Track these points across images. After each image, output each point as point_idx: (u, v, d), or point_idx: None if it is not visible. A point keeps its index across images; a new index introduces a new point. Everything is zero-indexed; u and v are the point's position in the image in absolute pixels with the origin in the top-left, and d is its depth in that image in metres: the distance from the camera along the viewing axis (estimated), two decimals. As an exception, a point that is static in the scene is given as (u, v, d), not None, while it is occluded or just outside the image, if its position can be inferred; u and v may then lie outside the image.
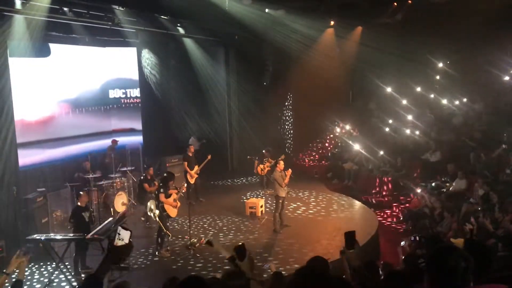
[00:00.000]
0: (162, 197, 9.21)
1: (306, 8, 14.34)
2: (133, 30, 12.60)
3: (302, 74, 16.20)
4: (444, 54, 16.89)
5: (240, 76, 16.39)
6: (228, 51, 16.68)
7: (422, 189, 11.95)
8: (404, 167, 13.69)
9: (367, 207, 12.30)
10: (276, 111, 17.65)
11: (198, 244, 9.48)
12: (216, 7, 12.05)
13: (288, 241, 9.69)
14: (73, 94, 12.32)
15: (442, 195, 11.33)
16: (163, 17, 12.87)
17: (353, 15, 15.90)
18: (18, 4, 9.34)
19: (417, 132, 14.83)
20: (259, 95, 16.00)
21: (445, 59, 17.13)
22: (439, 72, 17.49)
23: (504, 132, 12.61)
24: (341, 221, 11.05)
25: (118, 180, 12.17)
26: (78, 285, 2.51)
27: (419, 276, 2.80)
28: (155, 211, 9.24)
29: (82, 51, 12.47)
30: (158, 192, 9.34)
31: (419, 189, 12.03)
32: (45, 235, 8.29)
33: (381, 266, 4.43)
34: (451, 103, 15.94)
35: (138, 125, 13.90)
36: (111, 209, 11.43)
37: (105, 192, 11.77)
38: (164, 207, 9.23)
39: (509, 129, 12.62)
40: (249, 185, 14.94)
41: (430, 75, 17.57)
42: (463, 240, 5.66)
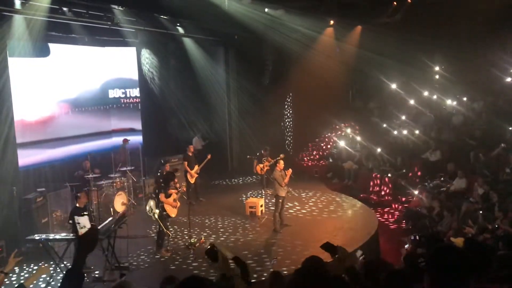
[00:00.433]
0: (162, 197, 9.22)
1: (306, 8, 14.34)
2: (133, 30, 12.59)
3: (302, 74, 16.20)
4: (444, 53, 16.87)
5: (240, 76, 16.38)
6: (228, 51, 16.67)
7: (421, 189, 11.95)
8: (404, 167, 13.69)
9: (367, 207, 12.30)
10: (276, 111, 17.64)
11: (198, 244, 9.48)
12: (216, 7, 12.04)
13: (288, 241, 9.69)
14: (73, 94, 12.31)
15: (442, 195, 11.33)
16: (163, 17, 12.86)
17: (353, 15, 15.91)
18: (18, 4, 9.33)
19: (417, 132, 14.83)
20: (259, 95, 15.99)
21: (445, 59, 17.11)
22: (440, 72, 17.49)
23: (504, 131, 12.61)
24: (341, 221, 11.06)
25: (118, 180, 12.19)
26: (62, 280, 2.46)
27: (419, 276, 2.80)
28: (155, 211, 9.25)
29: (82, 51, 12.46)
30: (158, 192, 9.34)
31: (419, 189, 12.03)
32: (45, 235, 8.29)
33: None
34: (451, 103, 15.94)
35: (138, 125, 13.89)
36: (111, 209, 11.43)
37: (105, 192, 11.76)
38: (164, 207, 9.24)
39: (509, 128, 12.62)
40: (249, 185, 14.94)
41: (430, 75, 17.57)
42: (463, 240, 5.67)
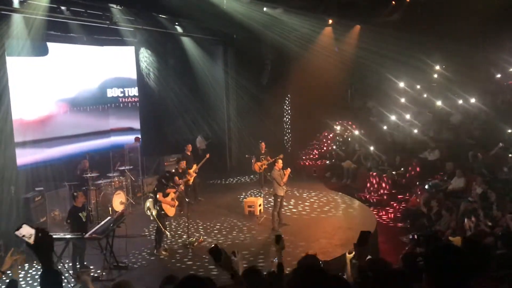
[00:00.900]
0: (160, 197, 9.21)
1: (305, 7, 14.33)
2: (131, 29, 12.56)
3: (301, 73, 16.19)
4: (443, 53, 16.88)
5: (239, 75, 16.36)
6: (227, 50, 16.65)
7: (420, 188, 11.95)
8: (403, 166, 13.69)
9: (366, 206, 12.32)
10: (275, 110, 17.63)
11: (197, 243, 9.49)
12: (215, 6, 12.04)
13: (287, 240, 9.64)
14: (71, 93, 12.29)
15: (441, 194, 11.34)
16: (161, 16, 12.85)
17: (352, 14, 15.90)
18: (16, 3, 9.31)
19: (416, 131, 14.84)
20: (258, 94, 15.98)
21: (444, 58, 17.12)
22: (438, 71, 17.50)
23: (502, 131, 12.62)
24: (340, 220, 11.06)
25: (116, 179, 12.18)
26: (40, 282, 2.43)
27: (418, 275, 2.80)
28: (153, 210, 9.24)
29: (80, 50, 12.44)
30: (156, 191, 9.34)
31: (417, 188, 12.04)
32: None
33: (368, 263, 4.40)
34: (449, 102, 15.94)
35: (136, 124, 13.87)
36: (110, 208, 11.41)
37: (103, 191, 11.75)
38: (162, 206, 9.23)
39: (507, 128, 12.62)
40: (248, 184, 14.93)
41: (429, 74, 17.57)
42: (461, 239, 5.66)
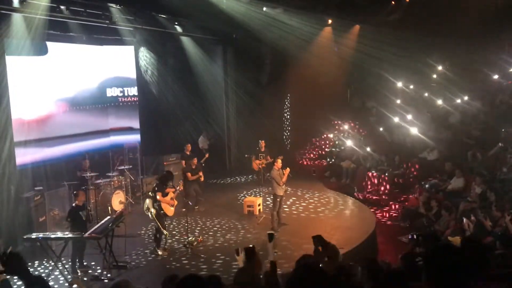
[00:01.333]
0: (160, 196, 9.21)
1: (304, 7, 14.33)
2: (131, 29, 12.56)
3: (300, 73, 16.20)
4: (442, 53, 16.90)
5: (238, 75, 16.36)
6: (226, 50, 16.65)
7: (419, 188, 11.96)
8: (402, 166, 13.71)
9: (365, 206, 12.32)
10: (274, 110, 17.64)
11: (196, 243, 9.49)
12: (214, 6, 12.03)
13: (286, 240, 9.69)
14: (71, 93, 12.26)
15: (440, 194, 11.35)
16: (161, 16, 12.85)
17: (351, 14, 15.90)
18: (16, 3, 9.31)
19: (415, 131, 14.83)
20: (257, 94, 15.98)
21: (443, 58, 17.14)
22: (437, 71, 17.51)
23: (501, 131, 12.63)
24: (339, 220, 11.07)
25: (116, 179, 12.18)
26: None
27: (417, 275, 2.81)
28: (152, 210, 9.24)
29: (80, 50, 12.41)
30: (155, 191, 9.33)
31: (416, 188, 12.04)
32: (43, 234, 8.27)
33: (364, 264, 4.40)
34: (449, 102, 15.96)
35: (136, 124, 13.84)
36: (109, 208, 11.41)
37: (103, 191, 11.75)
38: (161, 206, 9.23)
39: (506, 128, 12.64)
40: (247, 184, 14.93)
41: (428, 74, 17.59)
42: (461, 239, 5.68)
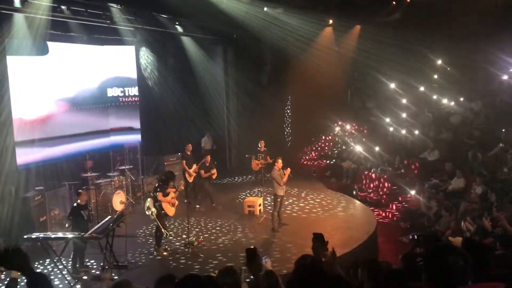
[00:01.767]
0: (160, 196, 9.21)
1: (305, 7, 14.32)
2: (131, 29, 12.56)
3: (301, 73, 16.18)
4: (443, 53, 16.88)
5: (239, 75, 16.36)
6: (227, 50, 16.65)
7: (419, 188, 11.96)
8: (403, 166, 13.70)
9: (366, 206, 12.32)
10: (275, 110, 17.63)
11: (196, 243, 9.50)
12: (215, 6, 12.03)
13: (286, 240, 9.69)
14: (71, 93, 12.27)
15: (440, 194, 11.34)
16: (162, 16, 12.85)
17: (352, 14, 15.89)
18: (17, 3, 9.32)
19: (415, 131, 14.83)
20: (258, 94, 15.98)
21: (444, 58, 17.12)
22: (438, 71, 17.50)
23: (502, 131, 12.62)
24: (340, 220, 11.07)
25: (116, 179, 12.19)
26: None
27: (417, 275, 2.80)
28: (153, 210, 9.24)
29: (80, 50, 12.42)
30: (156, 191, 9.33)
31: (417, 188, 12.04)
32: (43, 234, 8.28)
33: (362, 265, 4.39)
34: (450, 102, 15.94)
35: (137, 124, 13.85)
36: (110, 208, 11.42)
37: (103, 191, 11.76)
38: (162, 206, 9.23)
39: (507, 128, 12.62)
40: (248, 184, 14.93)
41: (429, 74, 17.57)
42: (461, 239, 5.66)
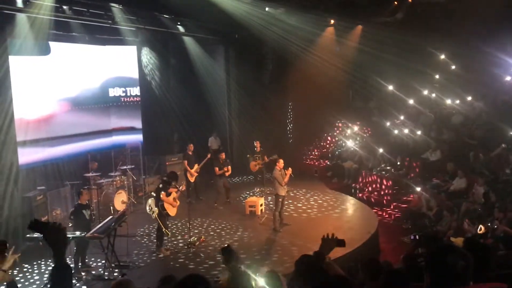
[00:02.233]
0: (164, 196, 9.21)
1: (306, 7, 14.32)
2: (133, 29, 12.59)
3: (302, 73, 16.17)
4: (444, 53, 16.86)
5: (240, 75, 16.37)
6: (228, 50, 16.66)
7: (421, 188, 11.94)
8: (404, 166, 13.69)
9: (367, 206, 12.31)
10: (276, 110, 17.62)
11: (198, 243, 9.50)
12: (216, 6, 12.04)
13: (288, 240, 9.69)
14: (73, 93, 12.30)
15: (442, 194, 11.33)
16: (163, 16, 12.86)
17: (353, 14, 15.87)
18: (20, 3, 9.35)
19: (417, 131, 14.81)
20: (259, 94, 15.98)
21: (445, 58, 17.09)
22: (439, 71, 17.47)
23: (504, 132, 12.59)
24: (341, 220, 11.07)
25: (118, 179, 12.20)
26: (52, 281, 2.40)
27: (419, 275, 2.80)
28: (154, 210, 9.24)
29: (82, 50, 12.45)
30: (160, 191, 9.33)
31: (419, 188, 12.02)
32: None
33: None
34: (451, 102, 15.92)
35: (138, 124, 13.88)
36: (111, 208, 11.43)
37: (105, 191, 11.77)
38: (164, 206, 9.23)
39: (509, 128, 12.59)
40: (249, 184, 14.93)
41: (430, 74, 17.55)
42: (463, 239, 5.66)
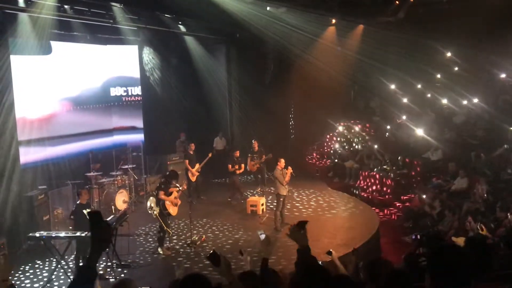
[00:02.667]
0: (161, 195, 9.20)
1: (308, 6, 14.30)
2: (135, 28, 12.60)
3: (304, 72, 16.16)
4: (446, 52, 16.83)
5: (241, 74, 16.36)
6: (229, 49, 16.66)
7: (422, 188, 11.93)
8: (405, 166, 13.67)
9: (368, 206, 12.29)
10: (278, 109, 17.60)
11: (199, 242, 9.51)
12: (218, 5, 12.04)
13: (289, 239, 9.64)
14: (75, 92, 12.31)
15: (444, 194, 11.31)
16: (165, 15, 12.87)
17: (355, 13, 15.85)
18: (21, 2, 9.36)
19: (419, 131, 14.78)
20: (261, 93, 15.96)
21: (447, 58, 17.06)
22: (441, 71, 17.44)
23: (506, 131, 12.56)
24: (342, 220, 11.06)
25: (119, 178, 12.21)
26: (74, 278, 2.38)
27: (420, 275, 2.80)
28: (155, 209, 9.25)
29: (84, 49, 12.47)
30: (158, 190, 9.35)
31: (420, 188, 12.01)
32: (47, 233, 8.31)
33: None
34: (453, 102, 15.90)
35: (139, 123, 13.89)
36: (112, 207, 11.44)
37: (106, 190, 11.78)
38: (165, 205, 9.24)
39: (510, 129, 12.57)
40: (250, 183, 14.91)
41: (432, 74, 17.52)
42: (464, 239, 5.65)
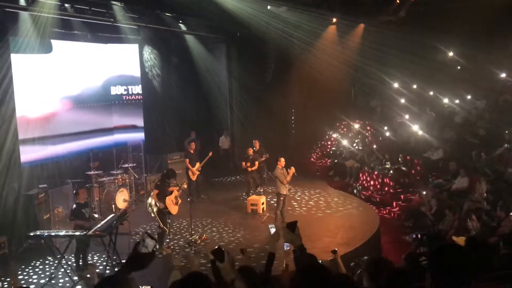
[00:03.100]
0: (155, 194, 9.19)
1: (308, 5, 14.29)
2: (135, 27, 12.59)
3: (304, 71, 16.15)
4: (447, 51, 16.82)
5: (242, 73, 16.37)
6: (230, 48, 16.67)
7: (423, 187, 11.92)
8: (406, 165, 13.66)
9: (369, 205, 12.30)
10: (279, 108, 17.60)
11: (199, 241, 9.51)
12: (218, 4, 12.04)
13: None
14: (75, 91, 12.31)
15: (444, 193, 11.30)
16: (165, 14, 12.86)
17: (356, 13, 15.84)
18: (22, 1, 9.37)
19: (419, 130, 14.77)
20: (261, 92, 15.96)
21: (448, 57, 17.05)
22: (442, 70, 17.43)
23: (507, 131, 12.55)
24: (343, 219, 11.06)
25: (120, 177, 12.22)
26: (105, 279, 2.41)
27: (421, 275, 2.80)
28: (154, 207, 9.24)
29: (84, 48, 12.46)
30: (154, 188, 9.35)
31: (420, 187, 12.00)
32: (47, 232, 8.31)
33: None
34: (453, 101, 15.89)
35: (140, 122, 13.89)
36: (113, 206, 11.45)
37: (107, 189, 11.79)
38: (166, 204, 9.22)
39: (510, 128, 12.56)
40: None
41: (433, 73, 17.51)
42: (465, 238, 5.64)
